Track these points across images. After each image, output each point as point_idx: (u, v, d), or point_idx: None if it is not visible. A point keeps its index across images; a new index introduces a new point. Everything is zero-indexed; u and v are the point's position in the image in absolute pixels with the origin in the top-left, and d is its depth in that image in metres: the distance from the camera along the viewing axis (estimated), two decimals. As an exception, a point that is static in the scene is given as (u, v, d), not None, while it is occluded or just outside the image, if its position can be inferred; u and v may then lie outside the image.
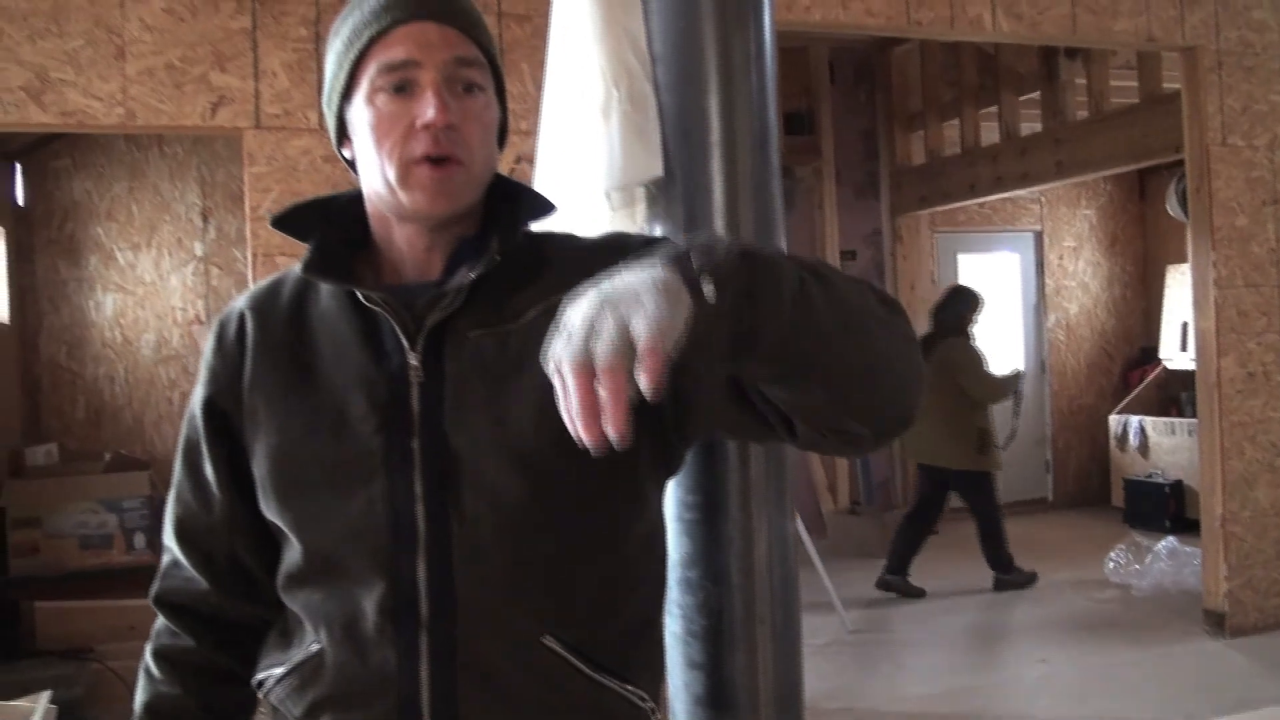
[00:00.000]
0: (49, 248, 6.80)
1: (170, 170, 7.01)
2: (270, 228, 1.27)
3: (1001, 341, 8.85)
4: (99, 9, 3.74)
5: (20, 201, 6.71)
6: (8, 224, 6.52)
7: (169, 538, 1.31)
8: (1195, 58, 5.05)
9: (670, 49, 1.52)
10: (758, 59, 1.48)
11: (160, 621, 1.33)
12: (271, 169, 3.89)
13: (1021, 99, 7.00)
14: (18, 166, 6.70)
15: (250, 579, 1.28)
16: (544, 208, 1.26)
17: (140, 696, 1.32)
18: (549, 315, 1.06)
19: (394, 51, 1.15)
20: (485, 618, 1.14)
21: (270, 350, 1.23)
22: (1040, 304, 8.84)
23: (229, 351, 1.25)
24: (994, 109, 7.15)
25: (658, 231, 1.58)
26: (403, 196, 1.17)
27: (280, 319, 1.24)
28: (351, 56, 1.18)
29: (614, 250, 1.16)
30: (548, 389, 1.01)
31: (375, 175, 1.18)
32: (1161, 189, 8.60)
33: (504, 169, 1.32)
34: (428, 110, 1.14)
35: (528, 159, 3.99)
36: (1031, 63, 6.73)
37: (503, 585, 1.14)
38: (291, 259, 3.89)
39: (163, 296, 6.99)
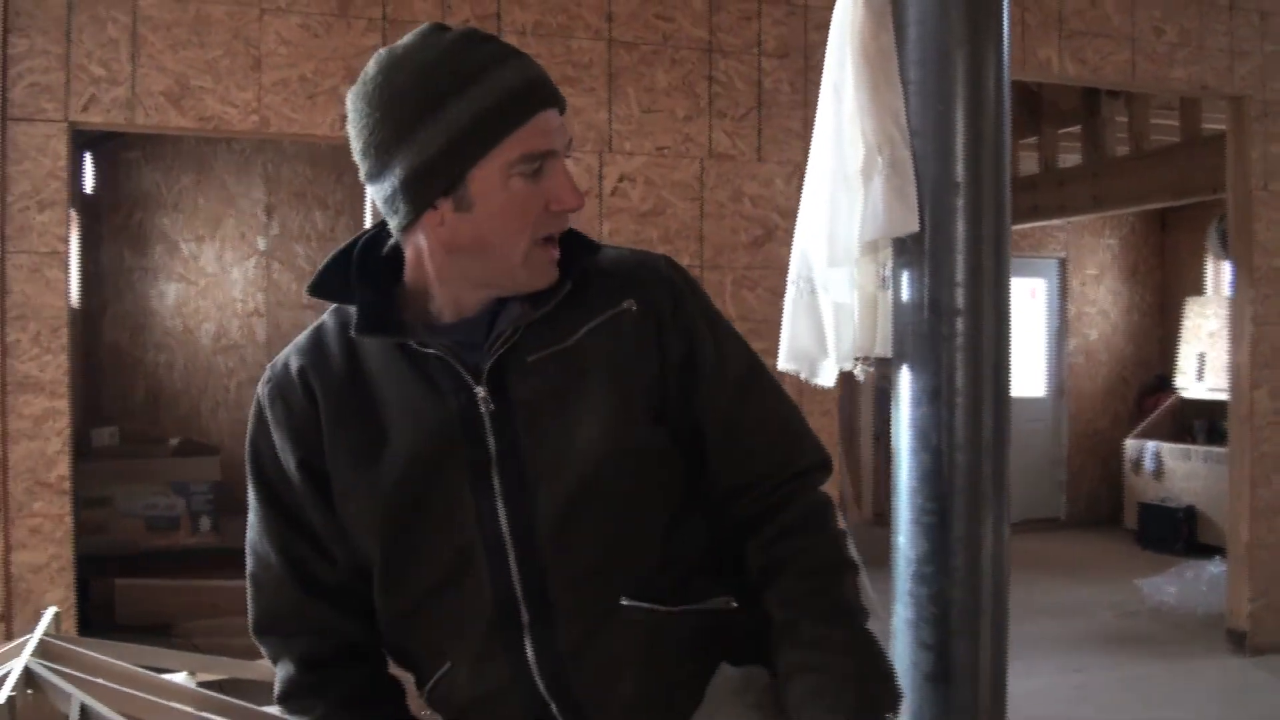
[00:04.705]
0: (116, 236, 6.97)
1: (236, 165, 7.19)
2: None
3: (1023, 364, 9.15)
4: (238, 23, 3.97)
5: (88, 190, 6.89)
6: (78, 211, 6.70)
7: (285, 613, 1.34)
8: (1242, 106, 5.33)
9: (927, 125, 1.78)
10: (997, 135, 1.75)
11: (310, 680, 1.35)
12: (391, 178, 4.12)
13: (1061, 132, 7.28)
14: (87, 156, 6.88)
15: (370, 608, 1.35)
16: (591, 248, 1.31)
17: None
18: (597, 331, 1.26)
19: (536, 141, 1.18)
20: (575, 604, 1.26)
21: (340, 415, 1.29)
22: (1062, 329, 9.11)
23: (303, 412, 1.30)
24: (1033, 140, 7.43)
25: (904, 277, 1.84)
26: (520, 274, 1.23)
27: (339, 378, 1.30)
28: (490, 141, 1.18)
29: (644, 275, 1.30)
30: (607, 399, 1.24)
31: (494, 253, 1.22)
32: (1182, 223, 8.91)
33: (608, 187, 1.48)
34: (567, 197, 1.21)
35: (629, 178, 4.26)
36: (1073, 99, 7.00)
37: (585, 573, 1.26)
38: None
39: (224, 288, 7.17)
